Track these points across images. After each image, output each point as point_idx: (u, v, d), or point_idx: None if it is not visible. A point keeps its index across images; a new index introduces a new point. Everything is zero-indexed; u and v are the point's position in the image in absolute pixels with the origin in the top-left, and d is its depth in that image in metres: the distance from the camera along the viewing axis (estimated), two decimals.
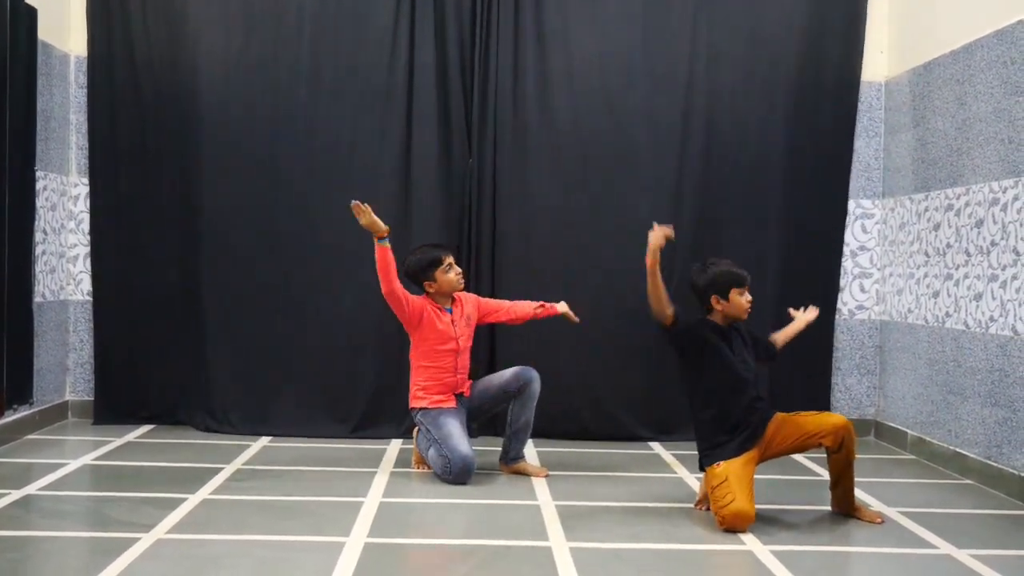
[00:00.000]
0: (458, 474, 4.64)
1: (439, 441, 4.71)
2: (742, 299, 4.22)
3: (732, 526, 3.94)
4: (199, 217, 5.95)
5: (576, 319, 5.05)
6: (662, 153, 5.93)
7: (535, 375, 4.92)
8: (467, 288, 5.80)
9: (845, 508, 4.27)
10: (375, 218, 4.64)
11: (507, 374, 4.98)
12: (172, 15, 5.94)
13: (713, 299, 4.22)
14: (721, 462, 4.07)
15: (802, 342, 5.92)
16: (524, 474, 4.90)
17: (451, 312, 4.90)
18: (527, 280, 5.84)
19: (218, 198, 5.94)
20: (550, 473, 4.92)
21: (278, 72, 5.93)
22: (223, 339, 5.97)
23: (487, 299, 5.24)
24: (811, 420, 4.15)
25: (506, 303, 5.16)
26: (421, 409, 4.85)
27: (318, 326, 5.93)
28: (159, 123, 5.95)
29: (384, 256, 4.68)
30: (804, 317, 4.70)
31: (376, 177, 5.91)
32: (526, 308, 5.09)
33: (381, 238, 4.66)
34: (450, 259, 4.89)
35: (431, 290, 4.88)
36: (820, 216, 6.07)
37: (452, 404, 4.87)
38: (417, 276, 4.89)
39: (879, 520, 4.18)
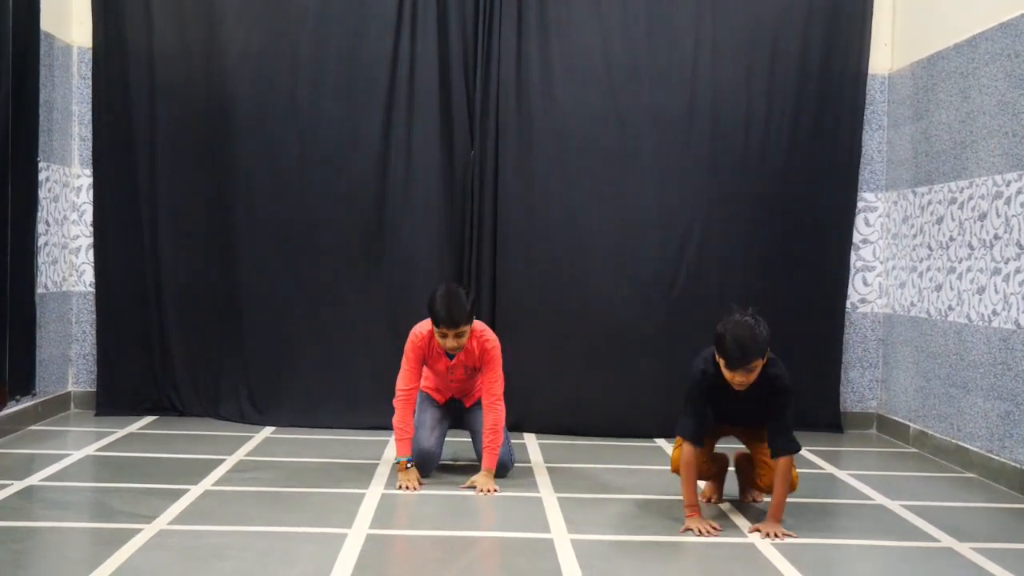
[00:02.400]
0: (417, 466, 4.56)
1: (416, 427, 4.64)
2: (729, 374, 3.72)
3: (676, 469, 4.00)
4: (202, 208, 5.96)
5: (480, 488, 4.44)
6: (666, 145, 5.92)
7: (506, 469, 4.67)
8: (468, 280, 5.81)
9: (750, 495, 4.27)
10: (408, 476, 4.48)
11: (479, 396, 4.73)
12: (175, 7, 5.94)
13: (715, 353, 3.81)
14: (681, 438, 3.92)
15: (811, 336, 5.97)
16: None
17: (452, 359, 4.60)
18: (528, 271, 5.84)
19: (220, 189, 5.94)
20: (526, 466, 4.89)
21: (281, 63, 5.93)
22: (226, 330, 5.98)
23: (492, 365, 4.58)
24: (762, 470, 4.01)
25: (491, 391, 4.57)
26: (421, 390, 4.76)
27: (322, 318, 5.94)
28: (162, 115, 5.94)
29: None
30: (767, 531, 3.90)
31: (378, 168, 5.91)
32: (487, 421, 4.56)
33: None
34: (448, 331, 4.35)
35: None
36: (827, 210, 6.04)
37: (440, 401, 4.83)
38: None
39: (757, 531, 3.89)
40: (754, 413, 3.93)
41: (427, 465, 4.64)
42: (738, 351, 3.65)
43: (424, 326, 4.55)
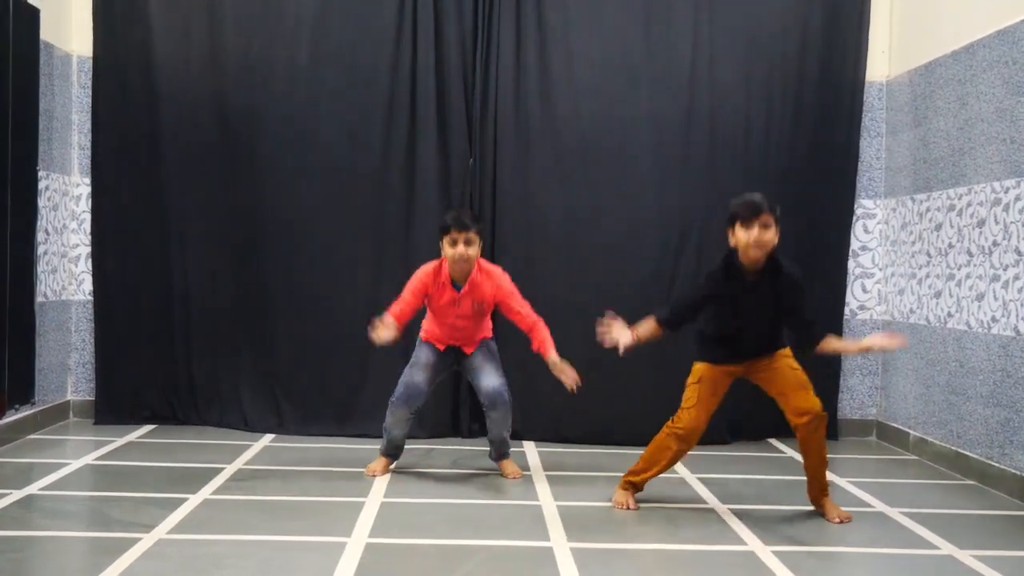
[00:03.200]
0: (400, 396, 4.75)
1: (408, 365, 4.83)
2: (745, 234, 3.97)
3: (684, 435, 4.24)
4: (201, 217, 5.96)
5: (569, 381, 4.59)
6: (664, 152, 5.92)
7: (502, 402, 4.75)
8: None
9: (813, 494, 4.34)
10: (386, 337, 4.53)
11: (483, 381, 4.79)
12: (175, 17, 5.94)
13: (729, 234, 4.07)
14: (702, 363, 4.24)
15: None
16: (502, 473, 4.93)
17: (459, 291, 4.68)
18: (528, 280, 5.83)
19: (219, 198, 5.94)
20: (524, 474, 4.94)
21: (280, 73, 5.93)
22: (225, 339, 5.98)
23: (512, 296, 4.75)
24: (796, 393, 4.19)
25: (526, 315, 4.73)
26: (421, 335, 4.90)
27: (320, 326, 5.94)
28: (160, 124, 5.94)
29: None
30: (873, 343, 4.32)
31: (378, 177, 5.92)
32: (535, 337, 4.71)
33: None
34: (459, 235, 4.55)
35: (443, 254, 4.68)
36: (826, 217, 6.05)
37: (440, 348, 4.82)
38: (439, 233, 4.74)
39: (839, 520, 4.20)
40: (769, 310, 4.10)
41: (409, 398, 4.75)
42: (752, 202, 3.95)
43: (431, 263, 4.72)
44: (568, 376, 4.57)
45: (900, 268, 5.96)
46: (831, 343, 4.23)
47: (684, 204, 5.91)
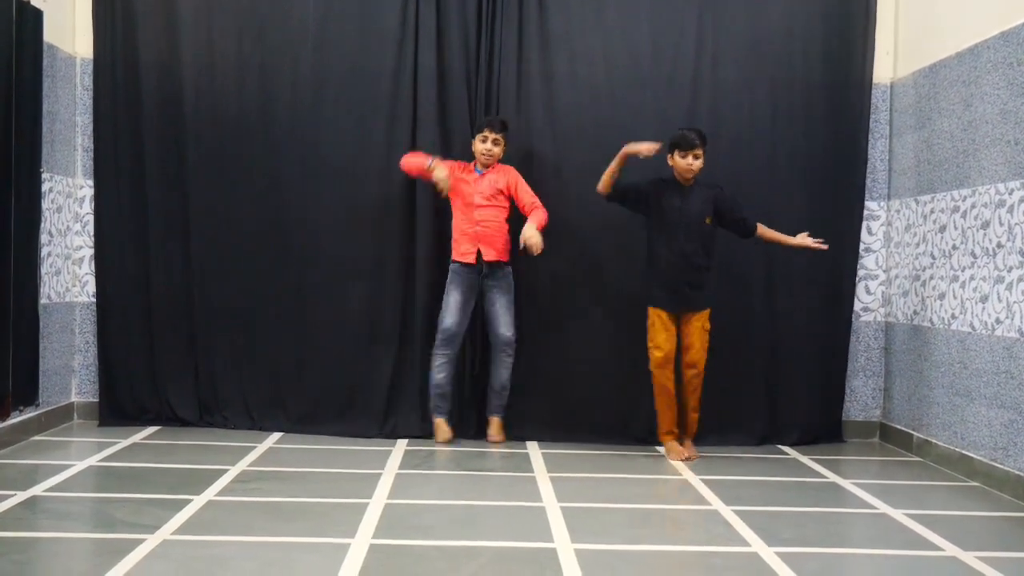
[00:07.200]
0: (438, 343, 5.65)
1: (442, 309, 5.69)
2: (682, 160, 5.31)
3: (657, 366, 5.37)
4: (204, 219, 5.96)
5: (531, 247, 5.45)
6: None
7: (512, 349, 5.67)
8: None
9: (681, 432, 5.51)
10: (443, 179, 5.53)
11: (502, 330, 5.67)
12: (177, 19, 5.96)
13: (668, 157, 5.38)
14: (651, 307, 5.40)
15: (817, 345, 5.97)
16: (488, 436, 5.74)
17: (480, 173, 5.65)
18: (529, 281, 5.84)
19: (222, 200, 5.95)
20: (503, 442, 5.67)
21: (283, 76, 5.95)
22: (228, 341, 5.99)
23: (520, 182, 5.71)
24: (695, 348, 5.38)
25: (529, 202, 5.67)
26: (452, 262, 5.71)
27: (324, 328, 5.95)
28: (164, 126, 5.96)
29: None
30: (803, 241, 5.46)
31: (381, 180, 5.93)
32: (531, 214, 5.62)
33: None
34: (490, 135, 5.62)
35: (472, 148, 5.68)
36: (833, 218, 5.99)
37: (471, 260, 5.64)
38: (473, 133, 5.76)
39: (685, 457, 5.36)
40: (700, 210, 5.36)
41: (448, 339, 5.63)
42: (689, 134, 5.32)
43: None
44: (532, 243, 5.43)
45: (904, 270, 5.95)
46: (766, 232, 5.46)
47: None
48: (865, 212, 6.16)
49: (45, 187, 5.66)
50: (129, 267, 5.99)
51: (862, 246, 6.16)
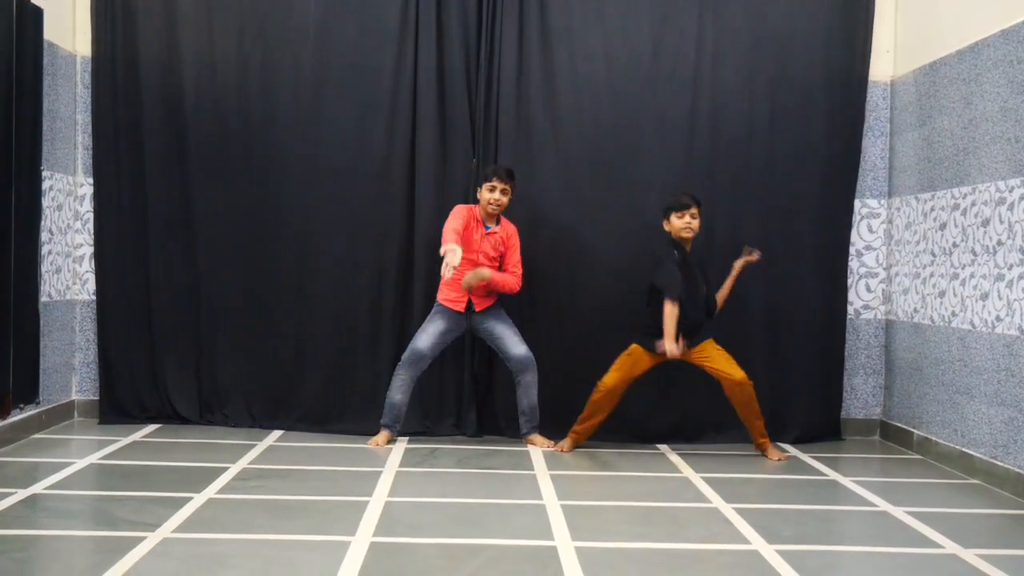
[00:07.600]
0: (404, 359, 5.49)
1: (419, 331, 5.54)
2: (678, 221, 5.30)
3: (605, 388, 5.36)
4: (204, 217, 5.96)
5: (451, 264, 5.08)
6: (668, 153, 5.93)
7: (529, 367, 5.51)
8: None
9: (754, 443, 5.45)
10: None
11: (512, 350, 5.50)
12: (177, 16, 5.96)
13: (664, 223, 5.36)
14: (639, 347, 5.34)
15: (814, 344, 5.97)
16: (534, 445, 5.57)
17: (489, 230, 5.50)
18: (530, 278, 5.84)
19: (223, 198, 5.95)
20: (554, 445, 5.53)
21: (283, 74, 5.95)
22: (228, 338, 5.99)
23: (517, 255, 5.58)
24: (720, 364, 5.27)
25: (512, 269, 5.55)
26: (437, 304, 5.56)
27: (324, 327, 5.95)
28: (164, 124, 5.96)
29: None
30: (739, 264, 5.56)
31: (381, 178, 5.93)
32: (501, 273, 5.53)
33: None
34: (498, 184, 5.41)
35: (479, 198, 5.50)
36: (827, 216, 6.02)
37: (459, 308, 5.49)
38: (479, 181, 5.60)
39: (778, 458, 5.36)
40: (702, 283, 5.39)
41: (413, 361, 5.47)
42: (685, 196, 5.32)
43: (463, 205, 5.50)
44: (456, 262, 5.05)
45: (904, 267, 5.95)
46: (721, 293, 5.54)
47: None
48: (866, 210, 6.16)
49: (45, 185, 5.66)
50: (129, 265, 5.99)
51: (863, 244, 6.16)
